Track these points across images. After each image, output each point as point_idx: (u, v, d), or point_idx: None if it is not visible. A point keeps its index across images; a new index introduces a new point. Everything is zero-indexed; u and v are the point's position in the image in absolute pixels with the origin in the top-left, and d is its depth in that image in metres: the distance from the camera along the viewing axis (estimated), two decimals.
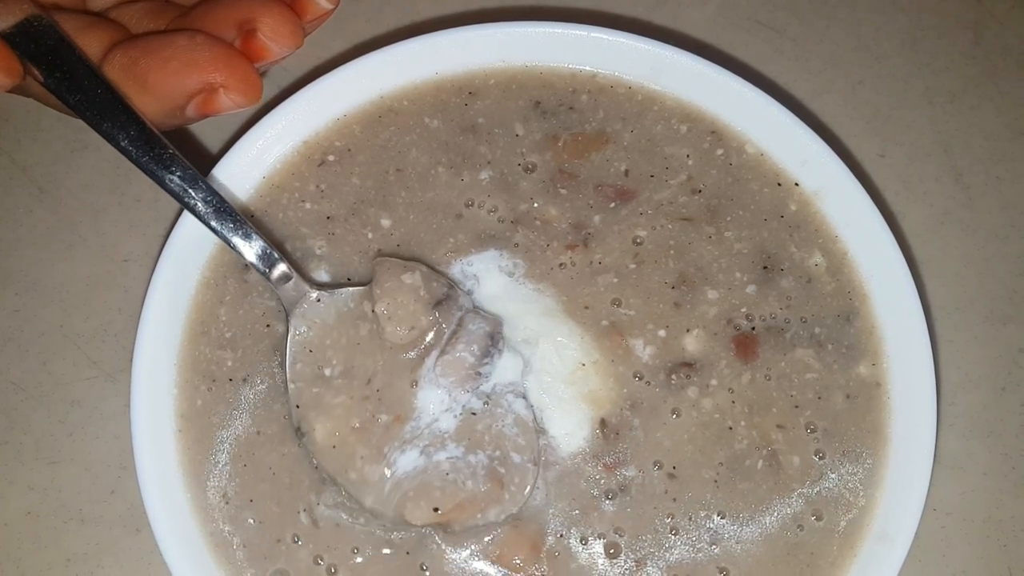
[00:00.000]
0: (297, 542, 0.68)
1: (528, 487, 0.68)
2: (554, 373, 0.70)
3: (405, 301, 0.68)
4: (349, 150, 0.75)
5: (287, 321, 0.70)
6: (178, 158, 0.67)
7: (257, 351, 0.71)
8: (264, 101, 0.81)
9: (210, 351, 0.71)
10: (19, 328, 0.78)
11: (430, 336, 0.69)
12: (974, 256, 0.82)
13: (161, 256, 0.70)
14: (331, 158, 0.75)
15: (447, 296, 0.70)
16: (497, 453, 0.68)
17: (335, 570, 0.67)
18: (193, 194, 0.67)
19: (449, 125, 0.76)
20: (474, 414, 0.69)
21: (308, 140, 0.75)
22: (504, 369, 0.70)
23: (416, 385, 0.68)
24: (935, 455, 0.68)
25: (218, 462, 0.69)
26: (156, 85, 0.66)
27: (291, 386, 0.69)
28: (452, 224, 0.74)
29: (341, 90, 0.75)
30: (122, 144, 0.66)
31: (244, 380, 0.71)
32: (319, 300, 0.70)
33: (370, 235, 0.73)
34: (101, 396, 0.77)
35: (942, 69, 0.87)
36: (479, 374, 0.69)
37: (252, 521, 0.68)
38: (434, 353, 0.69)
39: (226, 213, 0.68)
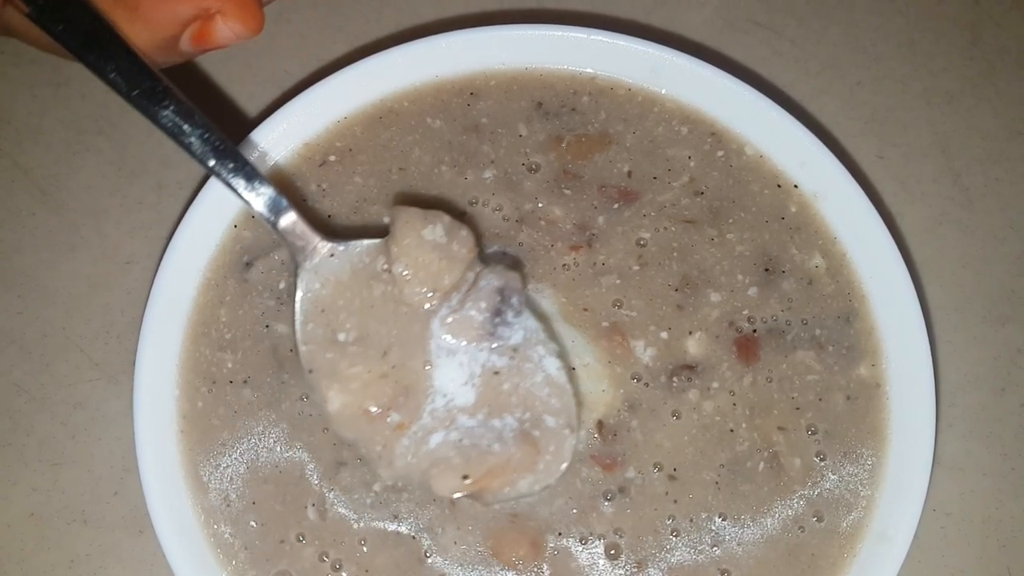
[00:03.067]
0: (302, 540, 0.68)
1: (566, 456, 0.63)
2: None
3: (427, 260, 0.63)
4: (350, 150, 0.75)
5: (295, 275, 0.66)
6: (172, 91, 0.62)
7: (257, 352, 0.71)
8: (265, 104, 0.82)
9: (211, 352, 0.71)
10: (21, 330, 0.78)
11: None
12: (972, 257, 0.82)
13: (164, 258, 0.70)
14: (332, 158, 0.75)
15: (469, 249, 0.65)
16: (527, 415, 0.63)
17: (340, 565, 0.68)
18: (188, 130, 0.63)
19: (451, 125, 0.76)
20: (497, 373, 0.64)
21: (309, 142, 0.75)
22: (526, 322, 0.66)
23: (430, 365, 0.64)
24: (934, 456, 0.69)
25: (219, 464, 0.69)
26: (148, 11, 0.62)
27: (303, 348, 0.65)
28: None
29: (342, 92, 0.75)
30: (110, 77, 0.61)
31: (245, 382, 0.71)
32: (332, 255, 0.66)
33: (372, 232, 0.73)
34: (103, 398, 0.77)
35: (940, 70, 0.87)
36: (492, 335, 0.64)
37: (254, 524, 0.68)
38: (442, 312, 0.64)
39: (227, 152, 0.64)
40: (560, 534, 0.68)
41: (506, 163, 0.75)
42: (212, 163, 0.64)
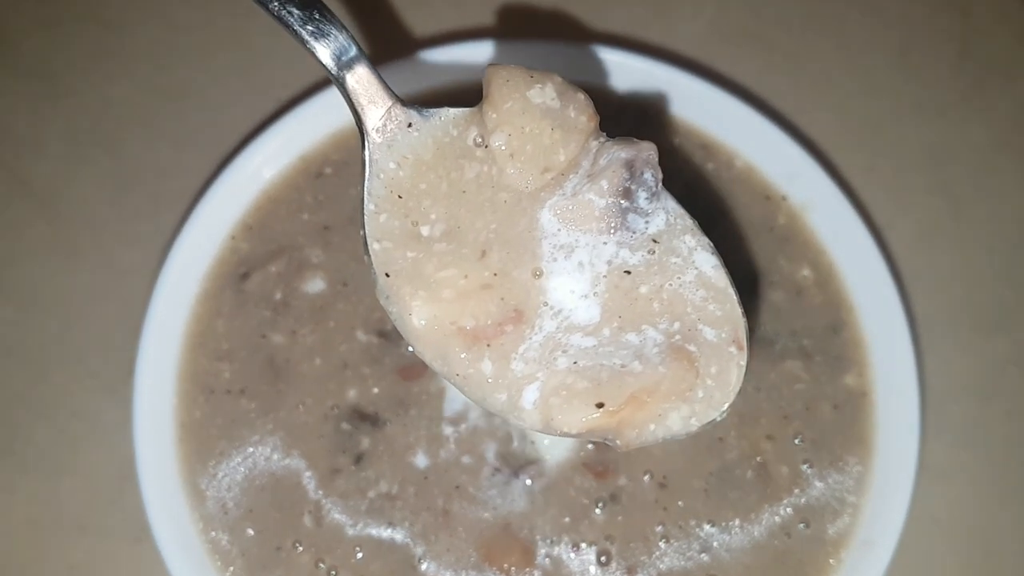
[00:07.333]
0: (298, 548, 0.69)
1: (733, 384, 0.49)
2: None
3: (535, 130, 0.49)
4: (347, 162, 0.76)
5: (362, 149, 0.53)
6: None
7: (253, 362, 0.72)
8: (262, 117, 0.82)
9: (208, 363, 0.72)
10: (20, 340, 0.78)
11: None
12: (961, 267, 0.82)
13: (162, 269, 0.71)
14: (328, 170, 0.76)
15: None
16: (676, 326, 0.49)
17: (335, 572, 0.69)
18: None
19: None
20: (629, 272, 0.50)
21: (305, 154, 0.76)
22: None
23: (541, 273, 0.50)
24: (921, 463, 0.70)
25: (217, 473, 0.70)
26: None
27: (374, 246, 0.51)
28: None
29: (337, 105, 0.75)
30: None
31: (242, 392, 0.71)
32: (411, 125, 0.52)
33: None
34: (102, 407, 0.77)
35: (930, 82, 0.87)
36: (619, 226, 0.50)
37: (251, 531, 0.69)
38: (553, 200, 0.50)
39: None
40: (552, 541, 0.69)
41: None
42: None
